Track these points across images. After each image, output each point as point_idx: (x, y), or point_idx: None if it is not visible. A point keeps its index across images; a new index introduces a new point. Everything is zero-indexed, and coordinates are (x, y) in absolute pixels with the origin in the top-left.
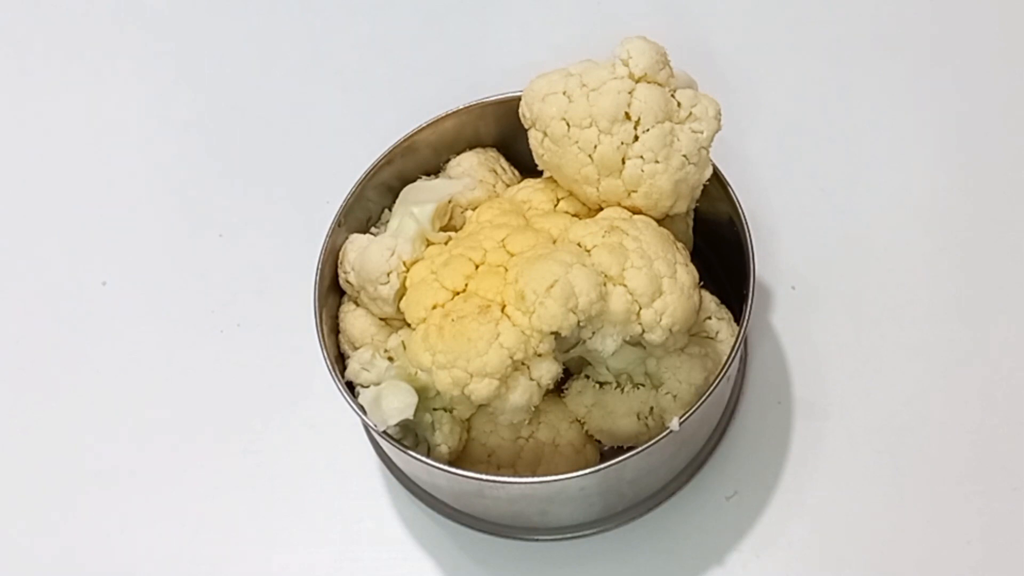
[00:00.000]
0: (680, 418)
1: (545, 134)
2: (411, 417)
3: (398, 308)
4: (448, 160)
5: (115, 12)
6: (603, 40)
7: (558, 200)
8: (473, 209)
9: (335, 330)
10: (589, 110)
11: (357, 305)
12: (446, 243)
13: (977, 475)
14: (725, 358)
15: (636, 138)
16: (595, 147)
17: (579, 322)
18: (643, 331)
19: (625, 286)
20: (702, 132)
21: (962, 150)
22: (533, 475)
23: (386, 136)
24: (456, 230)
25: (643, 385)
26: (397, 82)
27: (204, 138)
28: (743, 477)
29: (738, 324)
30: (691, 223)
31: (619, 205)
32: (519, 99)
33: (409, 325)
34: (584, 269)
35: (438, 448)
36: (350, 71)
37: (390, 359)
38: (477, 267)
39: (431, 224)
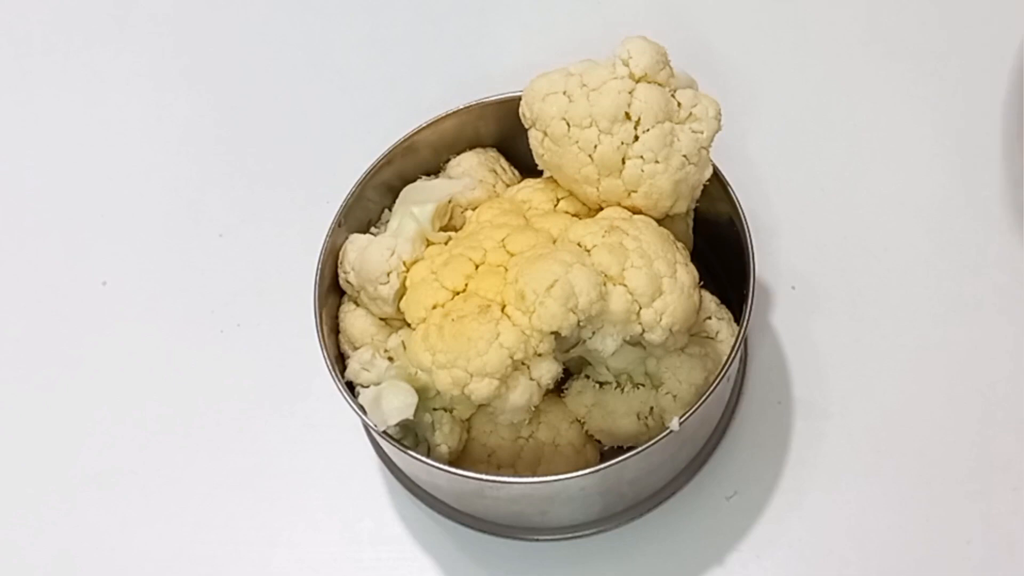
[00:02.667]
0: (680, 418)
1: (545, 134)
2: (411, 417)
3: (398, 308)
4: (448, 160)
5: (115, 12)
6: (603, 40)
7: (558, 200)
8: (473, 209)
9: (335, 330)
10: (589, 110)
11: (357, 305)
12: (446, 243)
13: (977, 475)
14: (725, 358)
15: (636, 138)
16: (595, 147)
17: (579, 322)
18: (643, 331)
19: (625, 286)
20: (702, 132)
21: (962, 150)
22: (533, 475)
23: (386, 136)
24: (456, 230)
25: (643, 385)
26: (397, 82)
27: (204, 138)
28: (743, 477)
29: (738, 324)
30: (691, 223)
31: (619, 205)
32: (519, 99)
33: (409, 325)
34: (584, 269)
35: (438, 448)
36: (350, 71)
37: (390, 359)
38: (477, 267)
39: (431, 224)
